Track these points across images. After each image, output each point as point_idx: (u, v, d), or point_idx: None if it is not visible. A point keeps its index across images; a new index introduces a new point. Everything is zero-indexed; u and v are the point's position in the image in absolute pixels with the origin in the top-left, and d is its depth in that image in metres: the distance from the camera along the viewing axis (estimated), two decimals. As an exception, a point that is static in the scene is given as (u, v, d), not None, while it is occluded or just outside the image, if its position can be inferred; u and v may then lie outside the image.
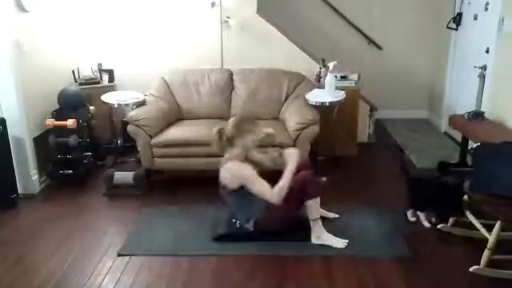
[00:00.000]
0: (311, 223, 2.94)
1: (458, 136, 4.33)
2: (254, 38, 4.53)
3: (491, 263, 2.61)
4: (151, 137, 3.80)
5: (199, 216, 3.33)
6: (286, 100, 4.25)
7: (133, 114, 3.83)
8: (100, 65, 4.61)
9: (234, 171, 2.92)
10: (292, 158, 2.93)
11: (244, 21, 4.50)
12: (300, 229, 2.99)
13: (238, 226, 3.00)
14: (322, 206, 3.01)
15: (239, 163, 2.93)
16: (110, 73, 4.62)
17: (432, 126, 5.51)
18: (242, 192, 2.91)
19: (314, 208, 2.93)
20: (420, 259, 2.77)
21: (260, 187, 2.86)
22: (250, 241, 2.96)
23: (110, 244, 3.03)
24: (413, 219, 3.21)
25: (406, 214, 3.25)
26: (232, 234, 3.00)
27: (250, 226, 2.96)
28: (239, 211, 3.00)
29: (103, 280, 2.65)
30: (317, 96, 3.97)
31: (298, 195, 2.90)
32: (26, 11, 3.75)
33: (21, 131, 3.68)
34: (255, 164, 3.03)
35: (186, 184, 3.84)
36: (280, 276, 2.65)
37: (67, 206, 3.60)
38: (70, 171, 3.91)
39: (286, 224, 2.99)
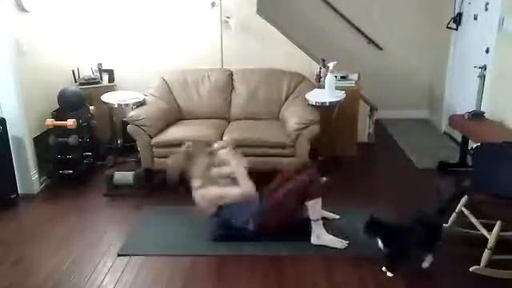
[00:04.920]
0: (312, 223, 2.94)
1: (458, 136, 4.33)
2: (254, 38, 4.53)
3: (491, 263, 2.61)
4: (151, 137, 3.80)
5: (199, 216, 3.32)
6: (286, 100, 4.25)
7: (133, 113, 3.83)
8: (100, 65, 4.61)
9: (201, 200, 2.97)
10: (227, 155, 3.04)
11: (244, 21, 4.50)
12: (300, 229, 2.99)
13: (237, 226, 3.00)
14: (322, 206, 3.00)
15: (203, 191, 2.97)
16: (110, 73, 4.62)
17: (432, 126, 5.51)
18: (224, 209, 2.95)
19: (315, 209, 2.93)
20: (419, 259, 2.77)
21: (231, 195, 2.92)
22: (249, 241, 2.96)
23: (110, 244, 3.03)
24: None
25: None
26: (232, 234, 3.00)
27: (250, 227, 2.97)
28: (236, 217, 3.00)
29: (103, 280, 2.65)
30: (317, 96, 3.97)
31: (298, 195, 2.90)
32: (26, 11, 3.75)
33: (21, 131, 3.68)
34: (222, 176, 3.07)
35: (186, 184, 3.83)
36: (280, 276, 2.66)
37: (67, 206, 3.60)
38: (70, 171, 3.91)
39: (287, 224, 2.99)
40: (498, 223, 2.55)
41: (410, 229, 2.66)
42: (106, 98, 4.10)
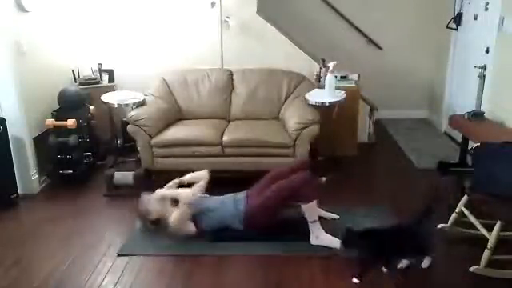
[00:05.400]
0: (309, 225, 2.94)
1: (458, 136, 4.33)
2: (254, 38, 4.53)
3: (491, 263, 2.61)
4: (151, 137, 3.80)
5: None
6: (285, 100, 4.25)
7: (133, 114, 3.83)
8: (100, 65, 4.61)
9: (173, 224, 2.98)
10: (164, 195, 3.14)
11: (244, 21, 4.50)
12: (299, 229, 2.98)
13: (226, 226, 3.02)
14: (322, 206, 3.00)
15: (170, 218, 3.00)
16: (110, 73, 4.62)
17: (432, 126, 5.51)
18: (201, 216, 3.01)
19: (311, 210, 2.93)
20: (419, 259, 2.77)
21: (183, 210, 2.98)
22: (249, 241, 2.97)
23: (109, 244, 3.03)
24: None
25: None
26: (230, 234, 3.00)
27: (238, 226, 2.99)
28: (219, 221, 3.03)
29: (103, 280, 2.65)
30: (317, 96, 3.97)
31: (288, 197, 2.92)
32: (26, 11, 3.75)
33: (21, 131, 3.68)
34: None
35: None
36: (280, 276, 2.66)
37: (67, 206, 3.60)
38: (70, 171, 3.91)
39: (276, 223, 3.00)
40: (498, 223, 2.55)
41: (390, 234, 2.64)
42: (106, 98, 4.09)
